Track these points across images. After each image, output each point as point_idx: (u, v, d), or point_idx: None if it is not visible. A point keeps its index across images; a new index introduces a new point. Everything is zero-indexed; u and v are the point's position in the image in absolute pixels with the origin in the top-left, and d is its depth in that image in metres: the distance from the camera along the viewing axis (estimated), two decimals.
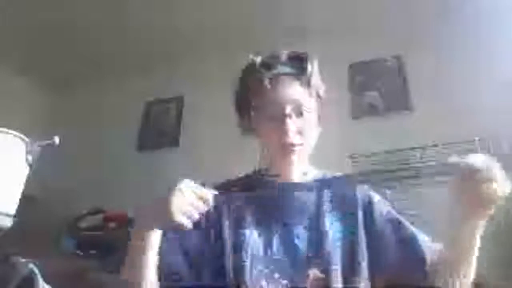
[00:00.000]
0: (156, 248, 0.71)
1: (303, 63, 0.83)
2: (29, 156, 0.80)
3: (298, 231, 0.79)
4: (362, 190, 0.87)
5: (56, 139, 0.83)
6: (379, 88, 2.39)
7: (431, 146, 1.96)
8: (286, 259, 0.76)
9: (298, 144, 0.79)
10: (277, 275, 0.75)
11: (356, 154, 2.09)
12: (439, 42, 2.27)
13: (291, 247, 0.78)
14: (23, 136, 0.81)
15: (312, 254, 0.77)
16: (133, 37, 2.66)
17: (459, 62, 2.17)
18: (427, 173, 0.70)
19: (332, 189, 0.85)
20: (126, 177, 2.51)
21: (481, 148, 1.72)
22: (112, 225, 2.26)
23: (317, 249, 0.77)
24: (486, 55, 2.11)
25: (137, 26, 2.55)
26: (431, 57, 2.24)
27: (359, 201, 0.84)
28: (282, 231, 0.80)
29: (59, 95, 3.13)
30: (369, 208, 0.83)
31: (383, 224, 0.82)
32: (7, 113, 1.64)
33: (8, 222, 0.76)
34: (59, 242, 2.26)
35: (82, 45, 2.72)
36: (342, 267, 0.76)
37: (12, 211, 0.77)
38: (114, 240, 2.02)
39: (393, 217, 0.83)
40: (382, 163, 2.00)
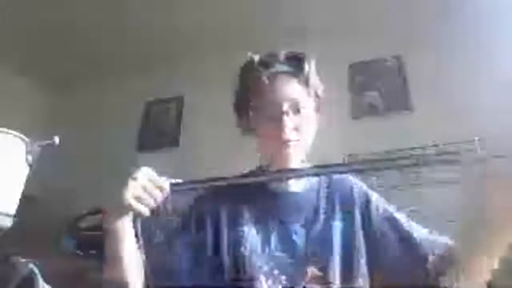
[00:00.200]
0: (129, 239, 0.72)
1: (300, 63, 0.83)
2: (29, 156, 0.80)
3: (296, 228, 0.80)
4: (359, 188, 0.87)
5: (56, 139, 0.83)
6: (379, 88, 2.39)
7: (431, 146, 1.97)
8: (285, 256, 0.77)
9: (294, 140, 0.80)
10: (276, 272, 0.75)
11: (356, 154, 2.09)
12: (439, 42, 2.27)
13: (290, 244, 0.78)
14: (23, 136, 0.81)
15: (310, 251, 0.77)
16: (133, 37, 2.66)
17: (459, 62, 2.17)
18: (427, 160, 0.70)
19: (329, 187, 0.86)
20: (126, 177, 2.50)
21: (480, 148, 1.72)
22: None
23: (315, 246, 0.78)
24: (486, 55, 2.11)
25: (137, 26, 2.55)
26: (431, 57, 2.24)
27: (356, 200, 0.84)
28: (280, 229, 0.80)
29: (59, 95, 3.13)
30: (366, 206, 0.84)
31: (381, 222, 0.82)
32: (7, 113, 1.64)
33: (8, 222, 0.76)
34: (59, 242, 2.25)
35: (82, 45, 2.72)
36: (341, 264, 0.76)
37: (12, 211, 0.77)
38: None
39: (391, 214, 0.84)
40: None
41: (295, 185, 0.86)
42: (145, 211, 0.69)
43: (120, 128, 2.79)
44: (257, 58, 0.85)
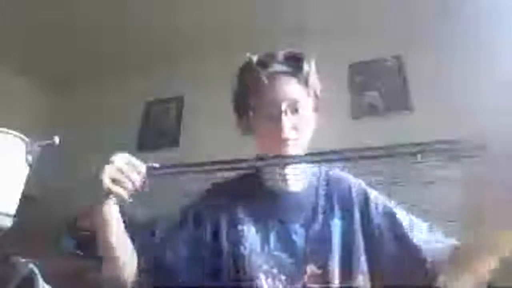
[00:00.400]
0: (117, 226, 0.72)
1: (299, 63, 0.84)
2: (29, 156, 0.80)
3: (295, 228, 0.80)
4: (358, 186, 0.87)
5: (56, 139, 0.83)
6: (379, 88, 2.39)
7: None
8: (284, 255, 0.77)
9: (293, 139, 0.80)
10: (276, 271, 0.75)
11: None
12: (439, 42, 2.27)
13: (289, 243, 0.78)
14: (23, 136, 0.81)
15: (309, 250, 0.77)
16: (133, 37, 2.67)
17: (459, 62, 2.17)
18: (428, 150, 0.70)
19: (328, 186, 0.86)
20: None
21: (480, 149, 1.71)
22: None
23: (314, 245, 0.78)
24: (486, 55, 2.11)
25: (137, 26, 2.55)
26: (431, 57, 2.24)
27: (355, 199, 0.84)
28: (279, 228, 0.80)
29: (59, 95, 3.13)
30: (365, 204, 0.84)
31: (380, 220, 0.82)
32: (7, 113, 1.64)
33: (8, 222, 0.76)
34: (59, 242, 2.25)
35: (82, 45, 2.72)
36: (340, 262, 0.76)
37: (12, 211, 0.77)
38: None
39: (391, 211, 0.84)
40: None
41: (293, 185, 0.85)
42: (124, 194, 0.70)
43: (120, 128, 2.79)
44: (255, 58, 0.85)
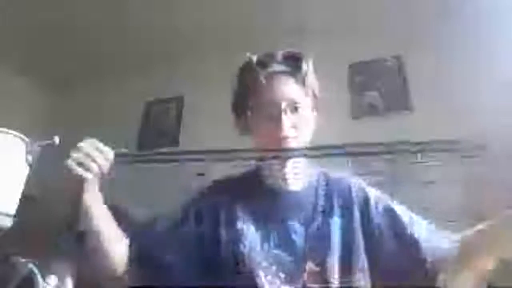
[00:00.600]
0: (99, 208, 0.76)
1: (298, 62, 0.84)
2: (29, 156, 0.80)
3: (295, 226, 0.80)
4: (358, 186, 0.88)
5: (56, 139, 0.83)
6: (379, 88, 2.39)
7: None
8: (284, 253, 0.77)
9: (292, 137, 0.81)
10: (275, 268, 0.76)
11: None
12: (439, 42, 2.27)
13: (288, 242, 0.79)
14: (23, 136, 0.81)
15: (308, 248, 0.78)
16: (133, 37, 2.66)
17: (459, 62, 2.17)
18: (428, 149, 0.70)
19: (328, 186, 0.87)
20: (126, 177, 2.50)
21: (479, 149, 1.71)
22: None
23: (314, 243, 0.78)
24: (486, 55, 2.11)
25: (137, 26, 2.55)
26: (431, 57, 2.24)
27: (355, 199, 0.85)
28: (279, 227, 0.80)
29: (59, 95, 3.13)
30: (365, 204, 0.84)
31: (380, 219, 0.82)
32: (7, 113, 1.64)
33: (8, 222, 0.76)
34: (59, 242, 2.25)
35: (82, 45, 2.71)
36: (340, 260, 0.77)
37: (12, 211, 0.77)
38: None
39: (392, 210, 0.84)
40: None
41: (293, 184, 0.86)
42: (87, 175, 0.72)
43: (120, 128, 2.79)
44: (254, 58, 0.85)
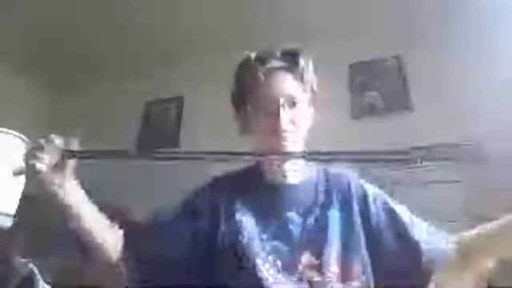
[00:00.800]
0: (75, 198, 0.78)
1: (296, 58, 0.86)
2: None
3: (293, 217, 0.81)
4: (357, 183, 0.88)
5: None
6: (379, 88, 2.39)
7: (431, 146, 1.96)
8: (281, 243, 0.78)
9: (290, 131, 0.82)
10: (272, 258, 0.76)
11: None
12: (439, 42, 2.27)
13: (286, 232, 0.79)
14: (23, 136, 0.81)
15: (305, 239, 0.78)
16: (133, 37, 2.66)
17: (459, 62, 2.17)
18: (422, 156, 0.71)
19: (327, 181, 0.87)
20: (126, 177, 2.50)
21: (478, 149, 1.72)
22: None
23: (311, 234, 0.79)
24: (486, 55, 2.11)
25: (137, 26, 2.55)
26: (431, 57, 2.24)
27: (354, 195, 0.85)
28: (277, 218, 0.81)
29: (59, 95, 3.13)
30: (364, 200, 0.85)
31: (379, 215, 0.83)
32: (7, 113, 1.64)
33: (8, 222, 0.76)
34: (59, 242, 2.25)
35: (82, 45, 2.71)
36: (337, 252, 0.77)
37: (12, 211, 0.77)
38: None
39: (390, 207, 0.85)
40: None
41: (292, 178, 0.86)
42: (41, 167, 0.71)
43: (120, 128, 2.79)
44: (253, 55, 0.87)
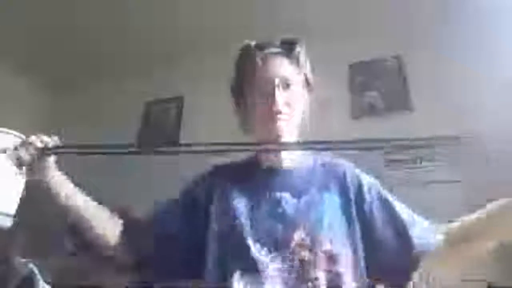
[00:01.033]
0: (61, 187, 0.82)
1: (292, 45, 0.91)
2: None
3: (287, 197, 0.82)
4: (352, 172, 0.90)
5: (56, 139, 0.83)
6: (379, 88, 2.39)
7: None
8: (273, 222, 0.79)
9: (285, 113, 0.85)
10: (265, 236, 0.77)
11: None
12: (439, 42, 2.27)
13: (279, 210, 0.80)
14: (23, 136, 0.81)
15: (298, 218, 0.79)
16: (133, 37, 2.66)
17: (459, 62, 2.17)
18: (421, 144, 0.72)
19: (323, 168, 0.89)
20: (126, 177, 2.50)
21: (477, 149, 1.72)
22: None
23: (304, 213, 0.79)
24: (486, 55, 2.11)
25: (137, 26, 2.55)
26: (431, 57, 2.24)
27: (349, 184, 0.86)
28: (270, 197, 0.83)
29: (59, 95, 3.13)
30: (359, 189, 0.86)
31: (372, 205, 0.84)
32: (7, 113, 1.64)
33: (8, 222, 0.76)
34: (59, 242, 2.25)
35: (82, 45, 2.71)
36: (330, 232, 0.77)
37: (12, 211, 0.77)
38: None
39: (384, 197, 0.86)
40: None
41: (288, 165, 0.88)
42: (28, 159, 0.76)
43: (120, 128, 2.79)
44: (253, 43, 0.92)
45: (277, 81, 0.85)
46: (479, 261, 0.74)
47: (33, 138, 0.78)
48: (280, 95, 0.85)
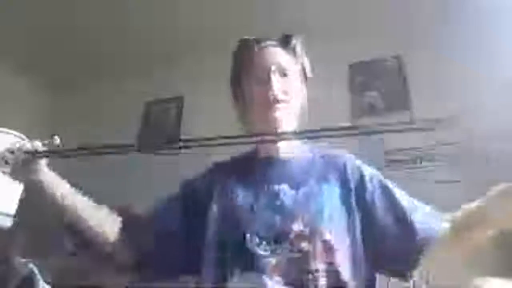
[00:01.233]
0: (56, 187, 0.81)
1: (288, 37, 0.93)
2: None
3: (285, 189, 0.82)
4: (353, 163, 0.89)
5: (56, 139, 0.83)
6: (379, 88, 2.39)
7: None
8: (272, 213, 0.79)
9: (282, 101, 0.85)
10: (264, 228, 0.77)
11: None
12: (439, 42, 2.27)
13: (277, 202, 0.80)
14: (23, 136, 0.81)
15: (297, 209, 0.79)
16: (133, 37, 2.66)
17: (459, 62, 2.17)
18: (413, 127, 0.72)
19: (323, 160, 0.89)
20: (126, 177, 2.50)
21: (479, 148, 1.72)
22: None
23: (303, 205, 0.79)
24: (486, 55, 2.11)
25: (137, 26, 2.55)
26: (431, 57, 2.24)
27: (350, 176, 0.86)
28: (269, 189, 0.83)
29: (59, 95, 3.13)
30: (360, 180, 0.85)
31: (374, 194, 0.83)
32: (7, 113, 1.64)
33: (8, 222, 0.76)
34: (59, 242, 2.25)
35: (82, 45, 2.71)
36: (330, 223, 0.77)
37: (12, 211, 0.77)
38: None
39: (386, 186, 0.86)
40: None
41: (287, 155, 0.89)
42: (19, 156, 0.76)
43: (120, 128, 2.79)
44: (252, 37, 0.94)
45: (273, 67, 0.87)
46: (480, 250, 0.73)
47: (22, 142, 0.78)
48: (277, 81, 0.86)
